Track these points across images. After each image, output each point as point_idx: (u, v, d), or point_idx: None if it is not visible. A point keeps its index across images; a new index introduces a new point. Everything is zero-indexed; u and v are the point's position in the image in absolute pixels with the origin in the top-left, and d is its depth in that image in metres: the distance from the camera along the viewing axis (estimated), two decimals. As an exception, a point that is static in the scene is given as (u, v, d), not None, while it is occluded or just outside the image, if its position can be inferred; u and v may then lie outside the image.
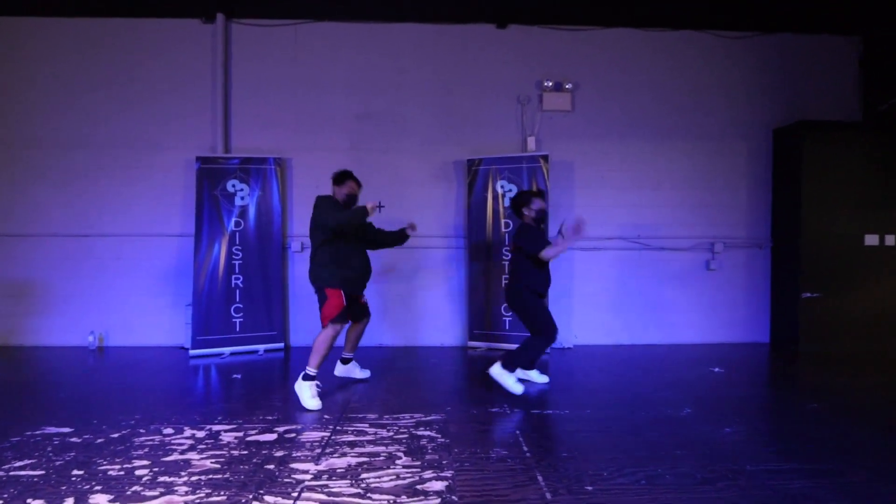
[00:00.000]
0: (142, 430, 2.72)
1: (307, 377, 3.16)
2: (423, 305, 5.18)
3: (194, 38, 5.08)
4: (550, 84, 5.11)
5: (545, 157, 4.84)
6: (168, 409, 3.10)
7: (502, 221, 4.91)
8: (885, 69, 5.23)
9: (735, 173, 5.36)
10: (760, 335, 5.40)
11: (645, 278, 5.28)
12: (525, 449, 2.49)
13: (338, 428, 2.77)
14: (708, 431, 2.75)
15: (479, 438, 2.64)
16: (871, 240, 5.02)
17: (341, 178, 3.46)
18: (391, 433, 2.69)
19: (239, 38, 5.12)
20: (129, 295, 5.05)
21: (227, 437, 2.62)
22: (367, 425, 2.81)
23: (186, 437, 2.62)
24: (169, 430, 2.72)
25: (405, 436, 2.65)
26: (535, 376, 3.72)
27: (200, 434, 2.66)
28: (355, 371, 3.77)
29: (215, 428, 2.76)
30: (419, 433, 2.69)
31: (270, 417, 2.94)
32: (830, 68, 5.40)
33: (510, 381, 3.35)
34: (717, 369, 4.19)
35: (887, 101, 5.17)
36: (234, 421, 2.87)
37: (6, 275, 5.00)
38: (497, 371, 3.39)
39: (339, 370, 3.77)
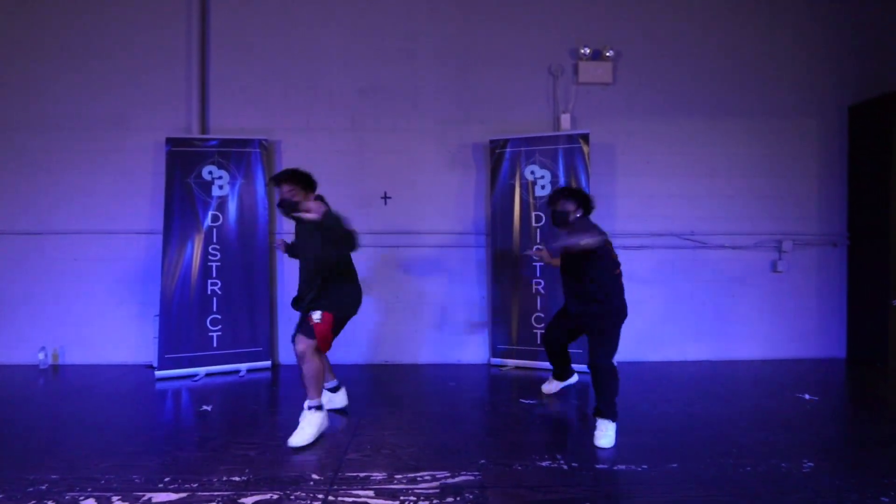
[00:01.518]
0: (49, 503, 1.90)
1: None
2: (437, 316, 4.35)
3: (167, 1, 4.29)
4: (588, 52, 4.29)
5: (585, 137, 4.02)
6: (103, 461, 2.28)
7: (533, 214, 4.08)
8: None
9: (804, 158, 4.53)
10: (835, 349, 4.55)
11: (699, 282, 4.45)
12: (609, 541, 1.66)
13: (330, 498, 1.94)
14: (860, 502, 1.92)
15: (534, 519, 1.81)
16: (974, 235, 4.18)
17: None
18: (407, 508, 1.87)
19: (218, 0, 4.33)
20: (88, 303, 4.24)
21: (167, 518, 1.80)
22: (371, 493, 1.98)
23: (109, 518, 1.80)
24: (89, 503, 1.90)
25: (427, 513, 1.83)
26: None
27: (131, 511, 1.85)
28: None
29: (155, 499, 1.93)
30: (447, 508, 1.87)
31: (237, 478, 2.11)
32: (915, 34, 4.57)
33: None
34: (807, 396, 3.35)
35: None
36: (187, 484, 2.05)
37: (-58, 280, 4.21)
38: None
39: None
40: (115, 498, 1.95)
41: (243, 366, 3.99)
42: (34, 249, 4.26)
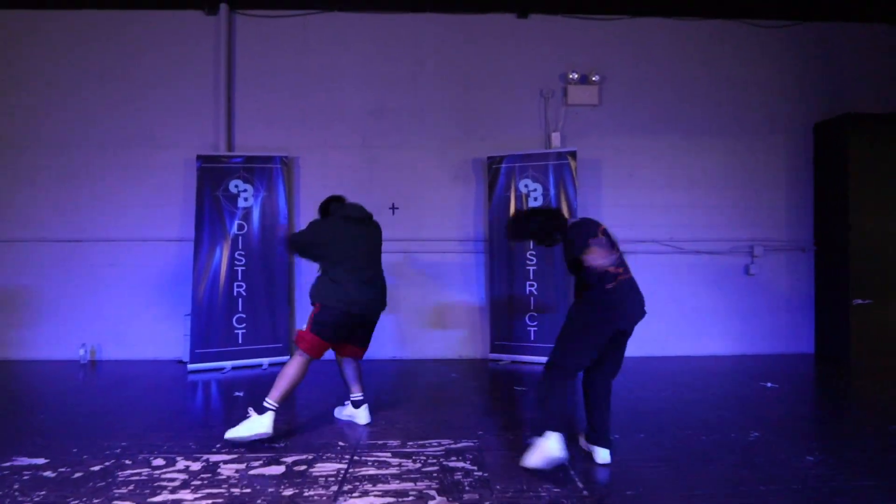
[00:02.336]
0: (127, 462, 2.33)
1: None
2: (441, 315, 4.80)
3: (196, 30, 4.77)
4: (576, 76, 4.77)
5: (573, 154, 4.48)
6: (160, 434, 2.72)
7: (526, 223, 4.53)
8: (934, 59, 4.88)
9: (774, 171, 4.99)
10: (804, 346, 4.98)
11: (678, 284, 4.89)
12: (580, 485, 2.09)
13: (355, 458, 2.38)
14: (786, 460, 2.35)
15: (522, 472, 2.23)
16: (927, 241, 4.62)
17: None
18: (418, 465, 2.30)
19: (243, 30, 4.81)
20: (123, 304, 4.69)
21: (226, 471, 2.23)
22: (389, 454, 2.42)
23: (179, 471, 2.23)
24: (159, 462, 2.33)
25: (435, 468, 2.26)
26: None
27: (195, 466, 2.28)
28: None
29: (213, 458, 2.37)
30: (451, 464, 2.30)
31: (277, 445, 2.55)
32: (873, 58, 5.04)
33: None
34: (769, 384, 3.78)
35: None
36: (236, 449, 2.48)
37: (-8, 283, 4.65)
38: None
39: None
40: (178, 458, 2.38)
41: (265, 360, 4.42)
42: (75, 255, 4.70)
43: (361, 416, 2.89)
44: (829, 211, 4.83)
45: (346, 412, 2.97)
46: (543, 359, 4.31)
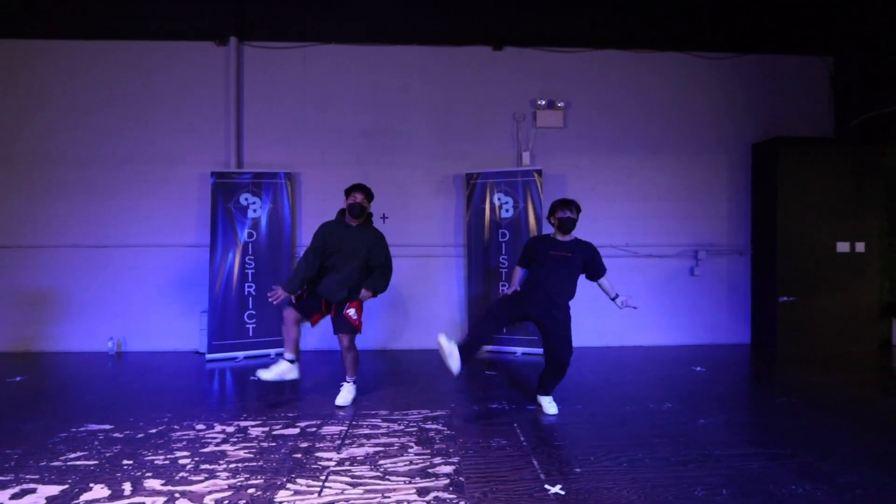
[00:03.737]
0: (176, 427, 3.01)
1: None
2: (425, 311, 5.49)
3: (209, 59, 5.39)
4: (544, 102, 5.46)
5: (539, 172, 5.18)
6: (195, 408, 3.39)
7: (499, 231, 5.24)
8: (855, 87, 5.62)
9: (717, 185, 5.73)
10: (742, 337, 5.75)
11: (633, 284, 5.61)
12: (522, 439, 2.81)
13: (353, 423, 3.07)
14: (685, 422, 3.08)
15: (481, 430, 2.95)
16: (843, 247, 5.38)
17: (347, 191, 3.59)
18: (402, 427, 3.00)
19: (251, 59, 5.43)
20: (147, 302, 5.33)
21: (254, 432, 2.92)
22: (379, 420, 3.12)
23: (218, 433, 2.91)
24: (201, 426, 3.01)
25: (415, 429, 2.96)
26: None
27: (230, 429, 2.96)
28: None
29: (243, 424, 3.05)
30: (427, 427, 3.00)
31: (291, 414, 3.24)
32: (804, 86, 5.78)
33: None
34: (699, 368, 4.53)
35: (857, 117, 5.56)
36: (259, 417, 3.17)
37: (28, 283, 5.26)
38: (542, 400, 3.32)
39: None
40: (215, 424, 3.06)
41: (273, 351, 5.10)
42: (103, 259, 5.33)
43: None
44: (763, 220, 5.58)
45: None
46: (514, 349, 5.07)
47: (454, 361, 2.90)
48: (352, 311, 3.41)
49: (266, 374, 3.32)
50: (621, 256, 5.59)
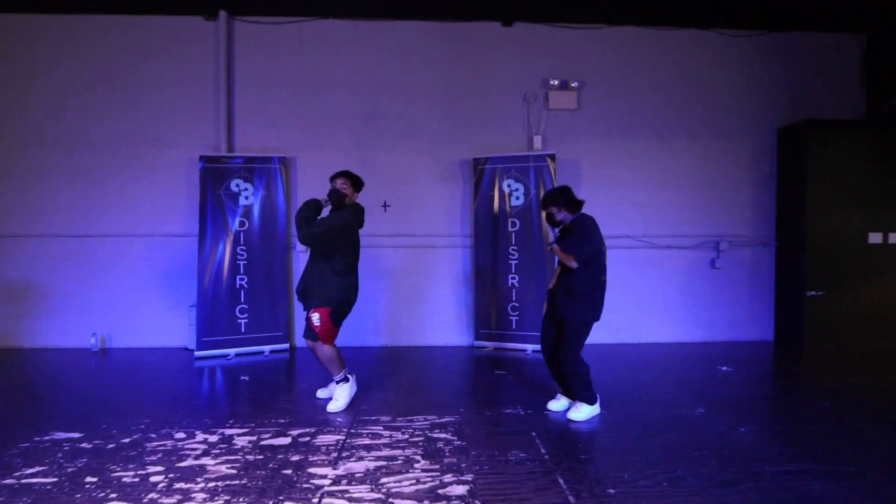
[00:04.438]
0: (153, 435, 2.68)
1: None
2: (429, 305, 5.15)
3: (197, 35, 5.01)
4: (556, 82, 5.08)
5: (552, 157, 4.82)
6: (178, 412, 3.06)
7: (509, 220, 4.88)
8: (889, 66, 5.24)
9: (740, 172, 5.37)
10: (765, 333, 5.41)
11: (650, 277, 5.28)
12: (543, 451, 2.47)
13: (352, 431, 2.74)
14: (723, 432, 2.75)
15: (495, 440, 2.62)
16: (875, 238, 5.03)
17: (332, 177, 3.31)
18: (406, 436, 2.67)
19: (242, 35, 5.05)
20: (132, 296, 4.99)
21: (240, 442, 2.59)
22: (381, 428, 2.79)
23: (199, 442, 2.58)
24: (181, 435, 2.68)
25: (421, 438, 2.63)
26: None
27: (213, 438, 2.63)
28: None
29: (228, 432, 2.72)
30: (435, 435, 2.67)
31: (282, 420, 2.91)
32: (834, 66, 5.40)
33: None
34: (724, 368, 4.20)
35: (890, 100, 5.19)
36: (247, 424, 2.84)
37: (6, 275, 4.92)
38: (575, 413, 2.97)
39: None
40: (197, 432, 2.73)
41: (266, 347, 4.76)
42: (85, 250, 4.98)
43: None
44: (789, 209, 5.22)
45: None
46: (524, 346, 4.74)
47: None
48: (315, 317, 3.04)
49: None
50: (638, 248, 5.25)
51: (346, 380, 3.16)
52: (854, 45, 5.44)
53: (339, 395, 3.12)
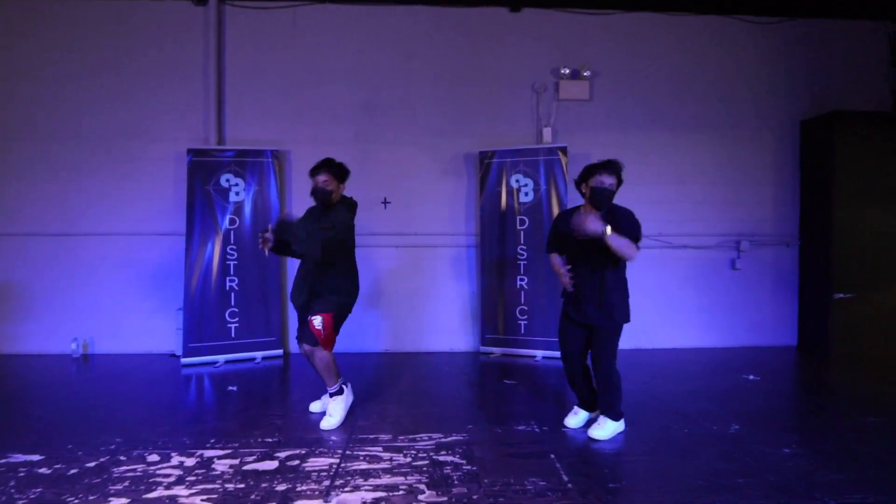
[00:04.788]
0: (122, 458, 2.37)
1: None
2: (432, 308, 4.84)
3: (185, 21, 4.70)
4: (567, 71, 4.78)
5: (563, 150, 4.51)
6: (154, 429, 2.75)
7: (517, 218, 4.57)
8: (919, 56, 4.94)
9: (761, 167, 5.06)
10: (787, 338, 5.09)
11: (667, 278, 4.97)
12: (565, 478, 2.17)
13: (347, 453, 2.43)
14: (766, 453, 2.44)
15: (509, 465, 2.31)
16: (907, 237, 4.72)
17: (312, 171, 2.98)
18: (409, 459, 2.36)
19: (233, 21, 4.75)
20: (115, 298, 4.68)
21: (220, 466, 2.28)
22: (380, 449, 2.48)
23: (173, 467, 2.27)
24: (154, 457, 2.37)
25: (425, 462, 2.32)
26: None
27: (189, 462, 2.32)
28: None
29: (207, 454, 2.41)
30: (441, 458, 2.36)
31: (270, 440, 2.60)
32: (859, 55, 5.09)
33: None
34: (751, 377, 3.89)
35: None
36: (229, 444, 2.53)
37: (-19, 277, 4.62)
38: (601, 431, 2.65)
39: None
40: (173, 454, 2.42)
41: (258, 354, 4.45)
42: (65, 250, 4.67)
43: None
44: (814, 207, 4.91)
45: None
46: (533, 352, 4.43)
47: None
48: (317, 321, 2.74)
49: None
50: (654, 247, 4.93)
51: (340, 391, 2.86)
52: (880, 34, 5.13)
53: (333, 411, 2.81)
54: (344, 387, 2.90)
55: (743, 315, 5.04)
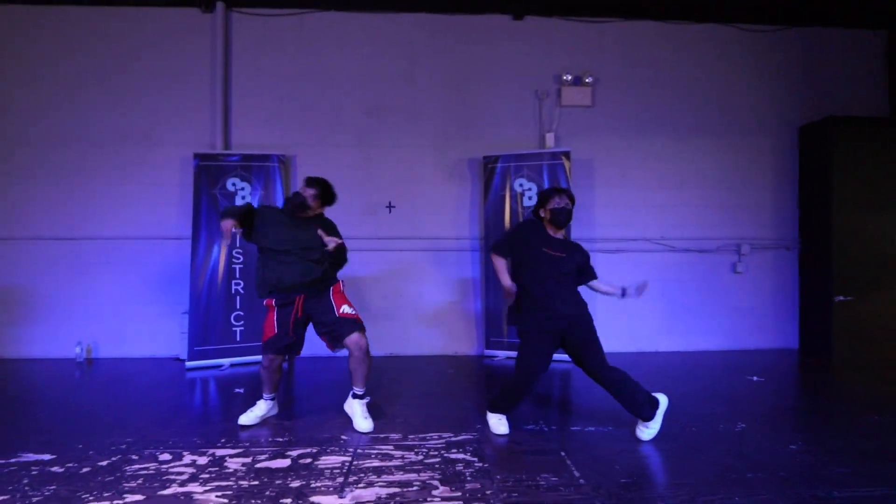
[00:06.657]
0: (134, 457, 2.37)
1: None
2: (436, 312, 4.86)
3: (192, 28, 4.77)
4: (570, 78, 4.85)
5: (567, 154, 4.57)
6: (164, 429, 2.76)
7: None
8: (913, 64, 5.04)
9: (761, 172, 5.13)
10: (789, 341, 5.13)
11: (668, 282, 5.01)
12: (577, 474, 2.18)
13: (359, 451, 2.44)
14: (773, 450, 2.46)
15: (520, 462, 2.32)
16: (906, 240, 4.78)
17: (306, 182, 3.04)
18: (420, 457, 2.37)
19: (240, 28, 4.82)
20: (120, 302, 4.69)
21: (233, 464, 2.29)
22: (391, 447, 2.49)
23: (186, 465, 2.28)
24: (166, 456, 2.38)
25: (437, 460, 2.34)
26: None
27: (202, 460, 2.33)
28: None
29: (219, 453, 2.42)
30: (452, 456, 2.38)
31: (281, 439, 2.61)
32: (856, 63, 5.20)
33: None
34: (755, 378, 3.91)
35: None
36: (240, 444, 2.54)
37: (-14, 281, 4.63)
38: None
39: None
40: (184, 453, 2.43)
41: (264, 357, 4.45)
42: (69, 253, 4.69)
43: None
44: (813, 210, 4.98)
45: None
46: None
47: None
48: (347, 309, 2.83)
49: (246, 419, 2.84)
50: (655, 251, 4.98)
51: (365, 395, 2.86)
52: (876, 42, 5.24)
53: (362, 412, 2.79)
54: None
55: (744, 318, 5.08)
